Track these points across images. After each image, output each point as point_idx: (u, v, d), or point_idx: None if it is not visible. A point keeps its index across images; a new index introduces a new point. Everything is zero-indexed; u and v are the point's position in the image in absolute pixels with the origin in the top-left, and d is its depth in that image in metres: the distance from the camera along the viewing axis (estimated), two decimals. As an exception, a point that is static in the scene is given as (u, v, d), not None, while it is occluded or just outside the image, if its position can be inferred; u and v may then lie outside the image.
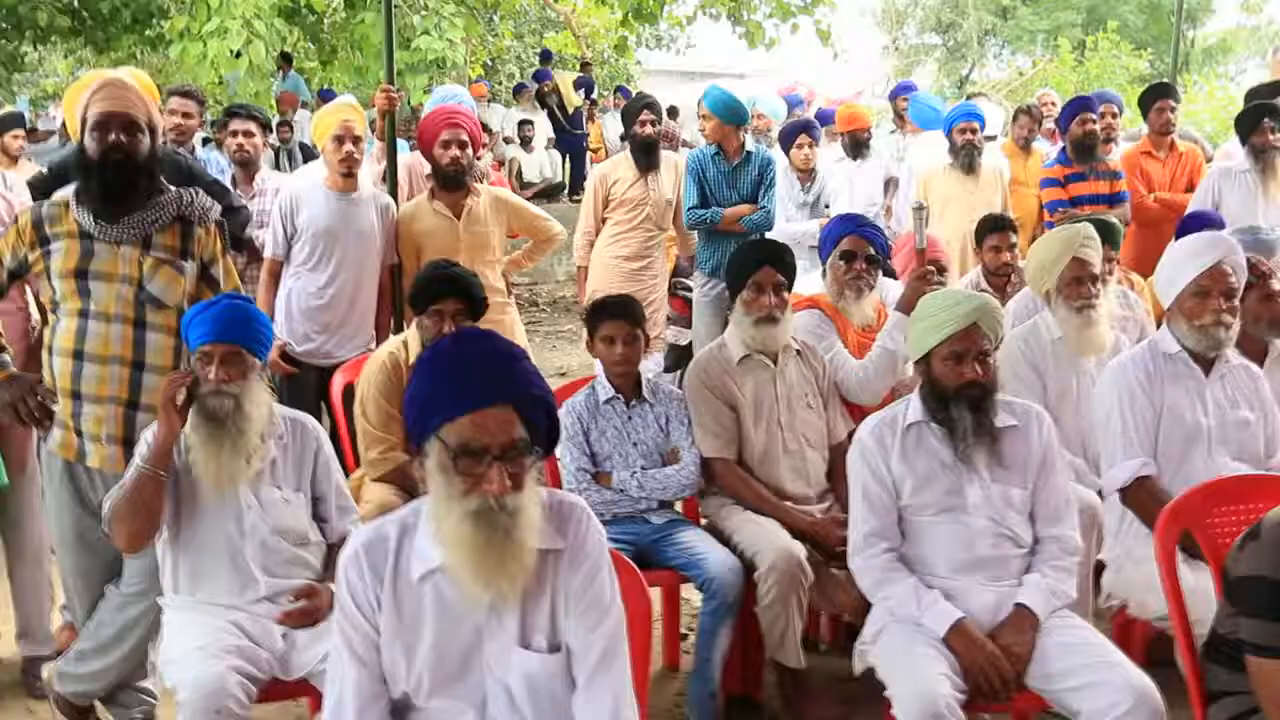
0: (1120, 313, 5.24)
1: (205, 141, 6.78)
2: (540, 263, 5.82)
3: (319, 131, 5.25)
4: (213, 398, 3.28)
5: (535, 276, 13.01)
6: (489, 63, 22.26)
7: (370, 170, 5.74)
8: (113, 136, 3.44)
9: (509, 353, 2.34)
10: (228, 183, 5.76)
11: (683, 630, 4.53)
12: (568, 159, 15.44)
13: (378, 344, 5.16)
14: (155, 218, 3.55)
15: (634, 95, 8.43)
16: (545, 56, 19.75)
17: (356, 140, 5.15)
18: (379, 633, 2.30)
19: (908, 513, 3.32)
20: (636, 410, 4.18)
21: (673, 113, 16.54)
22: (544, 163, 15.02)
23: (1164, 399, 3.71)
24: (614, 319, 4.16)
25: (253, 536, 3.31)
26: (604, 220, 6.91)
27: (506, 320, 5.52)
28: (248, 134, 5.78)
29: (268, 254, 5.24)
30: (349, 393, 4.61)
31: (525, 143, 14.64)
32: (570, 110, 15.78)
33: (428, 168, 5.58)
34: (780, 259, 4.24)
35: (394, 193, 5.57)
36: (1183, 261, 3.77)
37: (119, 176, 3.46)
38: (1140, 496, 3.63)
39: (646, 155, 6.81)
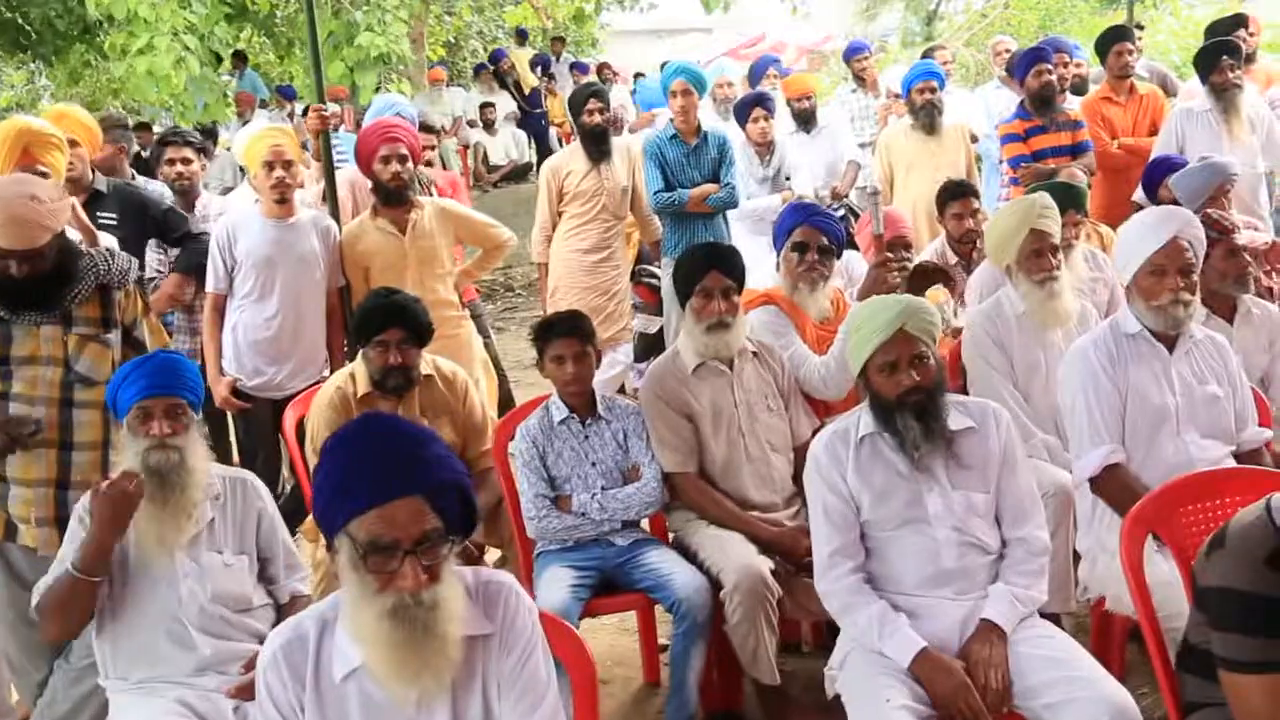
0: (1089, 274, 5.13)
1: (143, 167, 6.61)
2: (514, 247, 5.74)
3: (249, 158, 5.10)
4: (156, 452, 3.16)
5: (509, 260, 12.84)
6: (451, 41, 21.97)
7: (311, 191, 5.59)
8: (13, 269, 3.31)
9: (416, 438, 2.22)
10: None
11: (664, 642, 4.43)
12: (533, 139, 15.23)
13: (333, 369, 5.04)
14: (74, 292, 3.42)
15: (580, 85, 8.26)
16: (521, 35, 19.43)
17: (288, 165, 5.00)
18: None
19: (869, 528, 3.21)
20: (593, 429, 4.07)
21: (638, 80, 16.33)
22: (509, 144, 14.82)
23: (1129, 381, 3.60)
24: (562, 337, 4.05)
25: (190, 604, 3.16)
26: (560, 214, 6.78)
27: (462, 335, 5.40)
28: (184, 160, 5.64)
29: (209, 288, 5.11)
30: (304, 427, 4.50)
31: (488, 125, 14.44)
32: (527, 90, 15.56)
33: (371, 182, 5.44)
34: (727, 261, 4.12)
35: (335, 214, 5.42)
36: (1137, 239, 3.64)
37: (23, 293, 3.35)
38: (1111, 485, 3.53)
39: (597, 145, 6.68)
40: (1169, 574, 3.12)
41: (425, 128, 7.06)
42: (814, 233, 4.50)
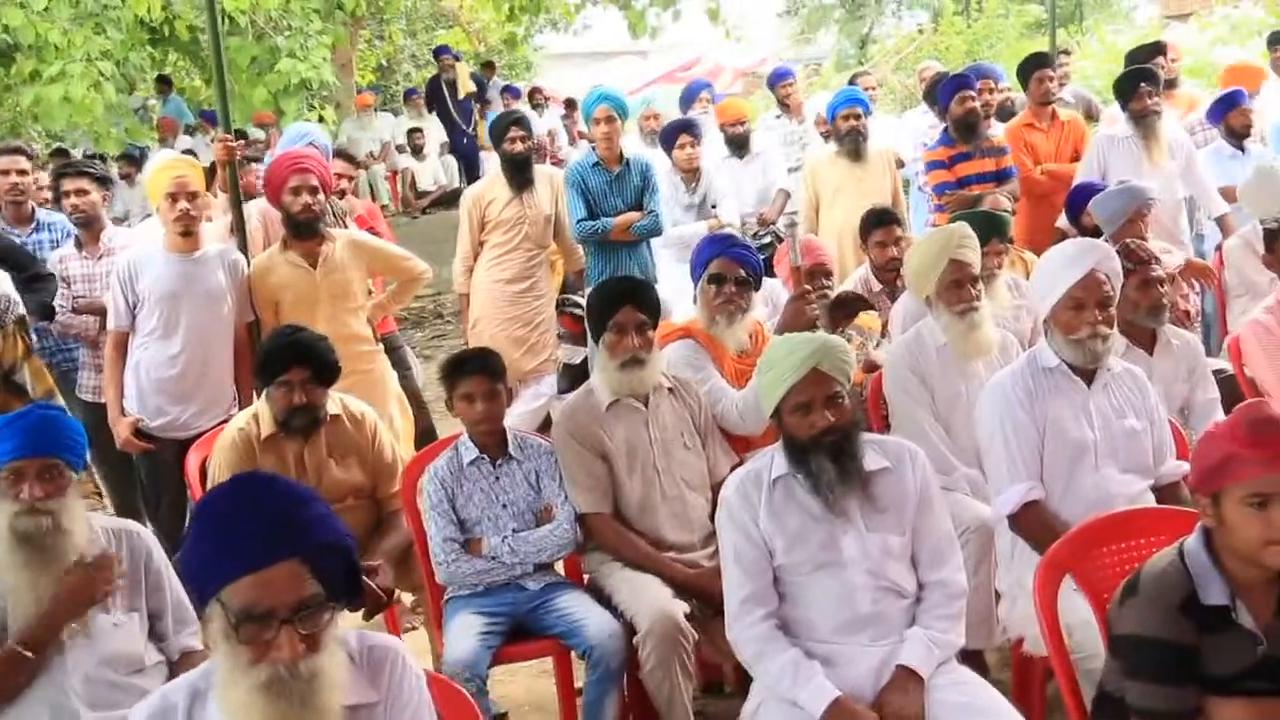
0: (1013, 302, 5.10)
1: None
2: (429, 279, 5.64)
3: (152, 191, 4.94)
4: (26, 517, 3.00)
5: (438, 286, 12.66)
6: (384, 65, 21.81)
7: (220, 223, 5.44)
8: None
9: (295, 498, 2.10)
10: (72, 245, 5.48)
11: (581, 686, 4.31)
12: (463, 164, 15.07)
13: (242, 408, 4.87)
14: None
15: (500, 113, 8.15)
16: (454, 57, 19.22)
17: (192, 196, 4.84)
18: None
19: (782, 572, 3.12)
20: (504, 469, 3.96)
21: (570, 105, 16.22)
22: (438, 170, 14.66)
23: (1046, 416, 3.54)
24: (471, 375, 3.93)
25: (76, 671, 2.99)
26: (482, 243, 6.65)
27: (375, 370, 5.26)
28: (80, 192, 5.44)
29: (111, 325, 4.94)
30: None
31: (417, 151, 14.28)
32: (462, 94, 15.34)
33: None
34: (640, 296, 4.02)
35: (244, 246, 5.26)
36: (1054, 273, 3.58)
37: None
38: (1029, 523, 3.46)
39: (519, 173, 6.56)
40: (1089, 613, 3.06)
41: (344, 156, 6.93)
42: (731, 264, 4.42)
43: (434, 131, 14.77)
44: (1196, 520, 2.55)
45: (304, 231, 5.08)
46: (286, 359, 4.05)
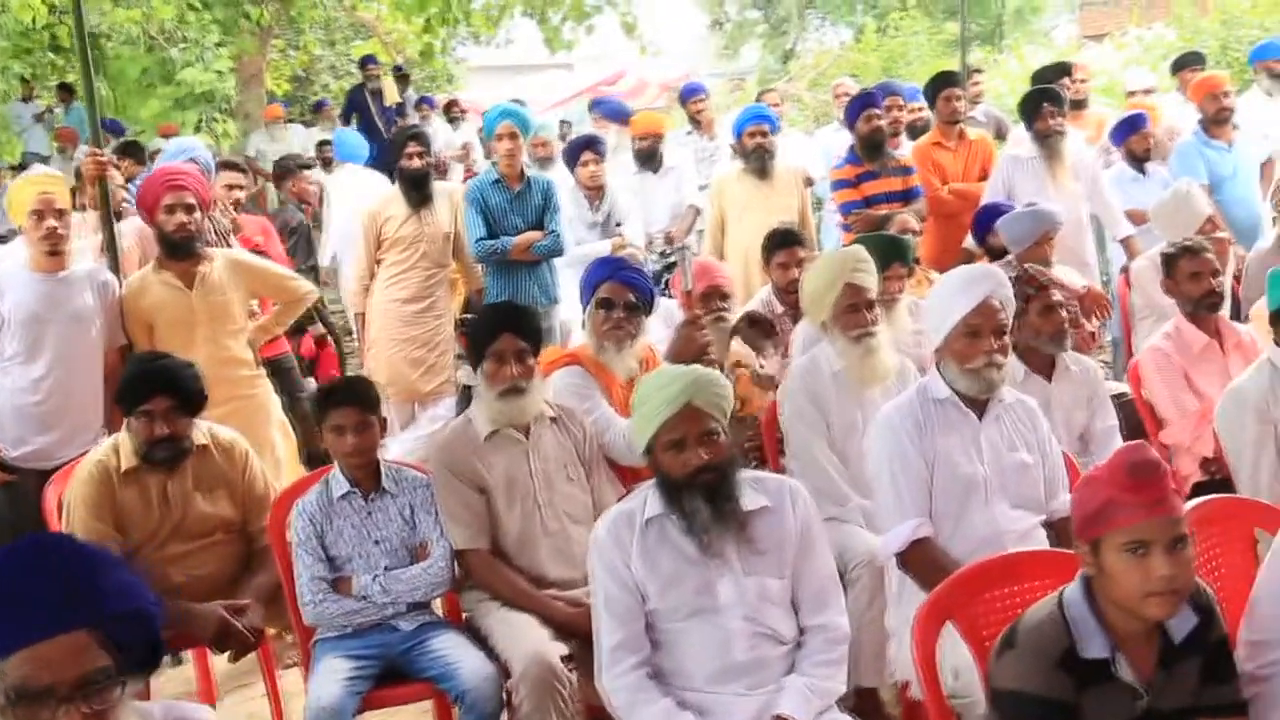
0: (914, 326, 4.99)
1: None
2: (315, 299, 5.44)
3: (14, 207, 4.69)
4: None
5: (350, 302, 12.39)
6: (302, 75, 21.39)
7: (91, 242, 5.19)
8: None
9: (87, 563, 1.90)
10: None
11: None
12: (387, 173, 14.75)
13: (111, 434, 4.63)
14: None
15: (398, 128, 7.97)
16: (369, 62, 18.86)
17: (60, 214, 4.60)
18: None
19: (655, 618, 2.97)
20: (377, 503, 3.77)
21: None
22: (355, 182, 14.34)
23: (936, 449, 3.42)
24: (341, 406, 3.74)
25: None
26: (379, 261, 6.46)
27: (258, 395, 5.03)
28: None
29: (-34, 349, 4.66)
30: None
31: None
32: (389, 103, 15.03)
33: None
34: (521, 322, 3.85)
35: (115, 266, 5.01)
36: (947, 301, 3.46)
37: None
38: (918, 561, 3.34)
39: (417, 190, 6.40)
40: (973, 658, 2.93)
41: (233, 166, 6.69)
42: (621, 289, 4.28)
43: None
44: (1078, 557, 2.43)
45: (179, 251, 4.84)
46: (148, 387, 3.84)
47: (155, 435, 3.84)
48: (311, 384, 6.82)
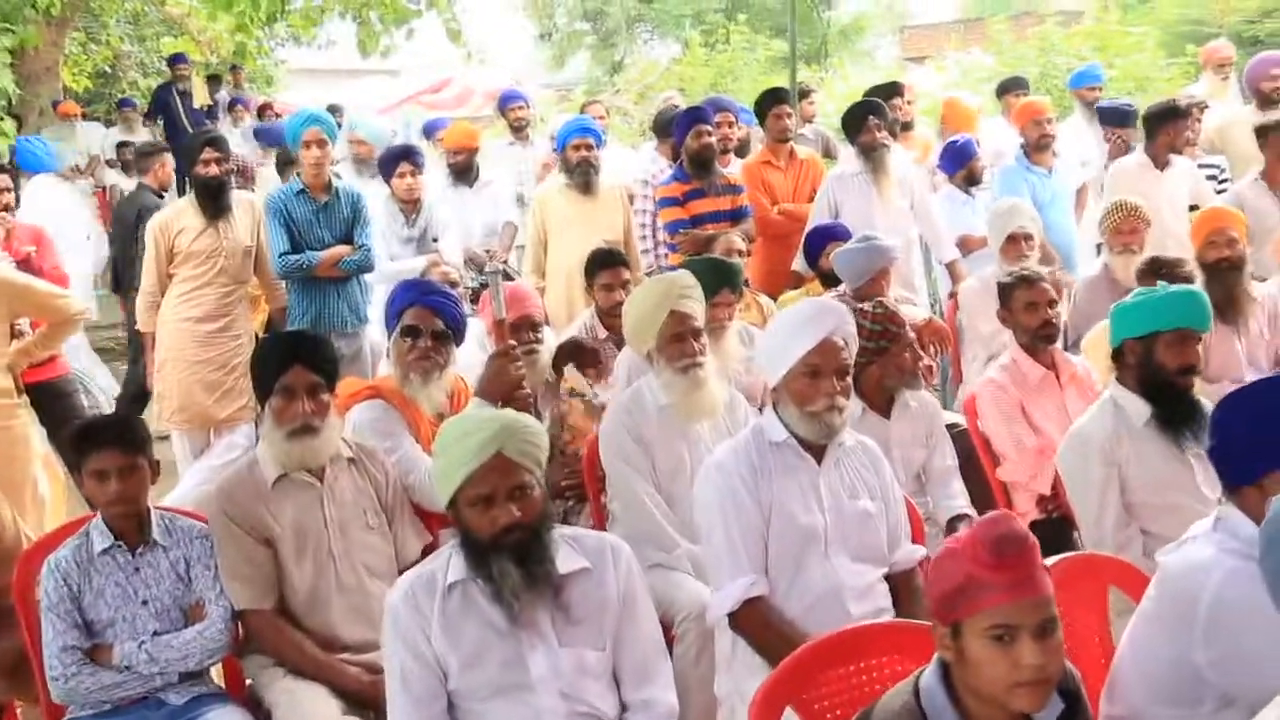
0: (745, 353, 4.73)
1: None
2: (87, 319, 4.91)
3: None
4: None
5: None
6: (108, 70, 20.28)
7: None
8: None
9: None
10: None
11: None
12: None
13: None
14: None
15: (193, 131, 7.43)
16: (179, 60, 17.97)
17: None
18: None
19: (458, 698, 2.62)
20: (145, 558, 3.31)
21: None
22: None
23: (773, 497, 3.13)
24: (103, 449, 3.25)
25: None
26: (170, 276, 5.92)
27: (16, 426, 4.49)
28: None
29: None
30: None
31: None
32: (199, 104, 14.29)
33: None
34: (314, 353, 3.44)
35: None
36: (786, 339, 3.18)
37: None
38: (751, 622, 3.05)
39: (213, 200, 5.87)
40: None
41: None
42: (428, 315, 3.91)
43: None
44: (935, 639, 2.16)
45: (-74, 266, 4.29)
46: None
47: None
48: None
